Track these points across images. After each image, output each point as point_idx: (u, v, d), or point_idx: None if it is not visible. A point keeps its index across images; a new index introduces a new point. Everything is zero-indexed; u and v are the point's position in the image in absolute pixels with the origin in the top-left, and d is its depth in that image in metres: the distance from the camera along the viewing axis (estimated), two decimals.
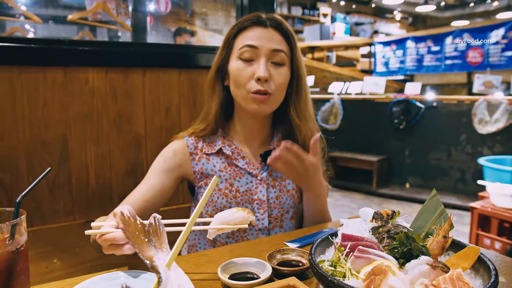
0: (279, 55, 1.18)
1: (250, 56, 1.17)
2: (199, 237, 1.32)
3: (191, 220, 0.55)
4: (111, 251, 0.85)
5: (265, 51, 1.17)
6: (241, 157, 1.28)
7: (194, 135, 1.30)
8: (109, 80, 1.52)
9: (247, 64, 1.18)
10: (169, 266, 0.51)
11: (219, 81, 1.27)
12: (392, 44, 7.77)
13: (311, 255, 0.76)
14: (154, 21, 2.89)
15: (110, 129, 1.54)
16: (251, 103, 1.18)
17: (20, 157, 1.40)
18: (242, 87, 1.18)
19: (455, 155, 5.40)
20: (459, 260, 0.76)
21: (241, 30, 1.22)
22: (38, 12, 2.44)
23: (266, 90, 1.16)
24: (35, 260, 1.44)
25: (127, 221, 0.56)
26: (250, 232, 1.25)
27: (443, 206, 0.89)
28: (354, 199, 5.77)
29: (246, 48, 1.17)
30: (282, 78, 1.19)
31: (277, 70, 1.19)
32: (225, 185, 1.25)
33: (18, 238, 0.64)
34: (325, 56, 9.53)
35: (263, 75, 1.14)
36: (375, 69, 8.15)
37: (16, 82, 1.37)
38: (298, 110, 1.25)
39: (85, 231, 0.86)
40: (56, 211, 1.48)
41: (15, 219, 0.64)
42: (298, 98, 1.26)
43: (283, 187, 1.29)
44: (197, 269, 0.94)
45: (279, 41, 1.19)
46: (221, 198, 1.24)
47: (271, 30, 1.20)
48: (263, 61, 1.16)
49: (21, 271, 0.64)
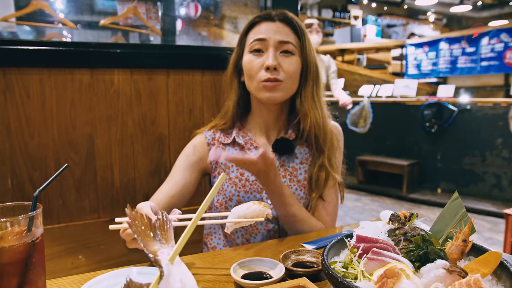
0: (287, 46, 1.23)
1: (259, 48, 1.23)
2: (214, 226, 1.35)
3: (197, 215, 0.55)
4: (134, 245, 0.89)
5: (273, 42, 1.21)
6: (254, 147, 1.30)
7: (214, 128, 1.36)
8: (133, 81, 1.56)
9: (257, 56, 1.23)
10: (172, 260, 0.51)
11: (236, 78, 1.33)
12: (424, 46, 7.58)
13: (323, 256, 0.75)
14: (186, 25, 2.95)
15: (134, 129, 1.58)
16: (262, 91, 1.22)
17: (49, 156, 1.46)
18: (254, 77, 1.23)
19: (490, 159, 5.19)
20: (479, 265, 0.73)
21: (251, 27, 1.28)
22: (74, 18, 2.54)
23: (275, 77, 1.20)
24: (61, 256, 1.49)
25: (134, 215, 0.57)
26: (259, 222, 1.25)
27: (472, 212, 0.86)
28: (384, 204, 5.65)
29: (256, 42, 1.23)
30: (292, 66, 1.23)
31: (286, 59, 1.23)
32: (235, 174, 1.28)
33: (35, 230, 0.67)
34: (355, 59, 9.40)
35: (271, 63, 1.18)
36: (406, 71, 7.97)
37: (46, 83, 1.43)
38: (303, 98, 1.28)
39: (109, 225, 0.89)
40: (82, 208, 1.53)
41: (32, 212, 0.66)
42: (305, 87, 1.28)
43: (294, 177, 1.29)
44: (212, 267, 0.94)
45: (286, 33, 1.24)
46: (230, 187, 1.27)
47: (278, 23, 1.25)
48: (271, 51, 1.21)
49: (37, 262, 0.66)
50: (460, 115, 5.41)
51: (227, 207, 1.27)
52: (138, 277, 0.80)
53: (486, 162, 5.24)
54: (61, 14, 2.36)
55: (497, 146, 5.12)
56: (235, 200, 1.26)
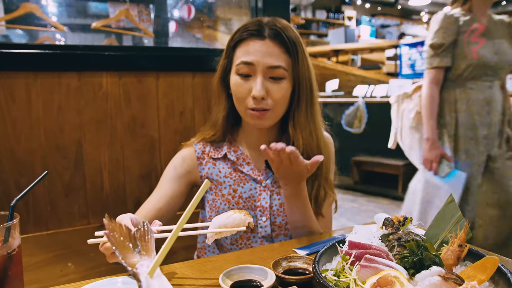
0: (277, 71, 1.13)
1: (247, 72, 1.14)
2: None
3: (178, 226, 0.52)
4: (115, 259, 0.85)
5: (262, 68, 1.12)
6: (246, 163, 1.26)
7: (203, 141, 1.30)
8: (122, 84, 1.53)
9: (244, 80, 1.15)
10: (151, 273, 0.48)
11: (224, 91, 1.25)
12: (418, 46, 7.58)
13: (315, 264, 0.72)
14: (180, 28, 2.92)
15: (124, 133, 1.55)
16: (249, 118, 1.17)
17: (36, 161, 1.42)
18: (241, 103, 1.17)
19: None
20: (475, 271, 0.70)
21: (239, 42, 1.18)
22: (66, 21, 2.51)
23: (262, 107, 1.13)
24: (50, 263, 1.45)
25: (113, 226, 0.54)
26: (254, 239, 1.23)
27: (461, 212, 0.83)
28: (380, 204, 5.64)
29: (243, 65, 1.14)
30: (281, 93, 1.15)
31: (275, 85, 1.14)
32: (228, 190, 1.24)
33: (11, 242, 0.63)
34: (350, 59, 9.39)
35: (258, 94, 1.11)
36: (400, 71, 7.97)
37: (32, 87, 1.39)
38: (296, 122, 1.20)
39: (88, 240, 0.85)
40: (71, 214, 1.49)
41: (8, 223, 0.63)
42: (298, 111, 1.20)
43: None
44: (201, 276, 0.91)
45: (277, 54, 1.14)
46: (223, 204, 1.23)
47: (268, 42, 1.13)
48: (259, 79, 1.12)
49: (14, 275, 0.63)
50: None
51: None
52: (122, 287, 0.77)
53: None
54: (53, 17, 2.33)
55: None
56: None
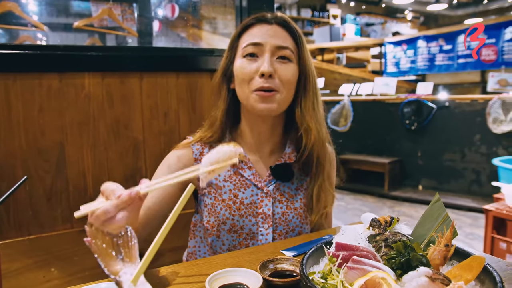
0: (285, 51, 1.12)
1: (254, 52, 1.11)
2: (199, 245, 1.27)
3: (161, 233, 0.51)
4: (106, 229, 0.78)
5: (270, 47, 1.10)
6: (248, 167, 1.20)
7: (201, 142, 1.23)
8: (105, 85, 1.50)
9: (251, 61, 1.11)
10: (135, 281, 0.47)
11: (225, 84, 1.20)
12: (402, 44, 7.66)
13: (302, 266, 0.71)
14: (163, 27, 2.89)
15: (107, 135, 1.52)
16: (256, 102, 1.10)
17: (17, 164, 1.39)
18: (246, 84, 1.11)
19: (469, 156, 5.27)
20: (462, 271, 0.70)
21: (245, 29, 1.16)
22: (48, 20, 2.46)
23: (270, 86, 1.08)
24: (32, 269, 1.42)
25: (94, 233, 0.52)
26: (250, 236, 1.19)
27: (452, 208, 0.84)
28: (366, 202, 5.68)
29: (250, 46, 1.11)
30: (289, 74, 1.12)
31: (283, 65, 1.11)
32: (229, 195, 1.18)
33: None
34: (335, 58, 9.44)
35: (267, 70, 1.07)
36: (385, 69, 8.04)
37: (11, 89, 1.36)
38: (303, 109, 1.16)
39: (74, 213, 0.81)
40: (54, 219, 1.46)
41: None
42: (305, 98, 1.16)
43: (290, 204, 1.21)
44: (187, 280, 0.89)
45: (284, 37, 1.13)
46: (224, 210, 1.17)
47: (276, 26, 1.13)
48: (267, 56, 1.09)
49: None
50: (439, 112, 5.48)
51: (219, 230, 1.17)
52: None
53: (465, 158, 5.31)
54: (33, 16, 2.28)
55: (475, 142, 5.20)
56: (229, 224, 1.16)
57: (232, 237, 1.17)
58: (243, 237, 1.18)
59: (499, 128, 4.88)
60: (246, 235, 1.18)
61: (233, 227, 1.16)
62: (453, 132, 5.39)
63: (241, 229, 1.17)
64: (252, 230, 1.18)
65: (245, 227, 1.17)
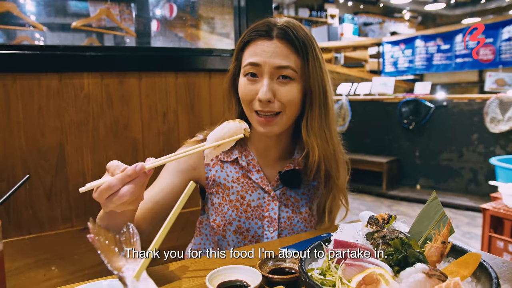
0: (285, 71, 1.07)
1: (254, 73, 1.09)
2: (204, 242, 1.29)
3: (162, 231, 0.52)
4: (111, 205, 0.80)
5: (268, 69, 1.06)
6: (256, 170, 1.21)
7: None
8: (104, 85, 1.50)
9: (251, 81, 1.09)
10: (138, 277, 0.48)
11: (235, 94, 1.20)
12: (400, 44, 7.67)
13: (301, 263, 0.72)
14: (162, 27, 2.89)
15: (107, 135, 1.53)
16: (256, 124, 1.11)
17: (17, 164, 1.39)
18: (247, 105, 1.11)
19: (466, 155, 5.29)
20: (458, 267, 0.72)
21: (247, 43, 1.13)
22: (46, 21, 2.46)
23: (269, 110, 1.07)
24: (33, 268, 1.42)
25: (97, 230, 0.53)
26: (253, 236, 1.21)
27: (450, 207, 0.85)
28: (364, 201, 5.69)
29: (250, 66, 1.09)
30: (290, 95, 1.08)
31: (283, 87, 1.08)
32: (236, 197, 1.19)
33: None
34: (333, 57, 9.47)
35: (263, 96, 1.05)
36: (383, 69, 8.06)
37: (10, 89, 1.36)
38: (309, 128, 1.13)
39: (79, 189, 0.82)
40: (54, 218, 1.47)
41: None
42: (311, 115, 1.13)
43: (296, 208, 1.22)
44: (188, 277, 0.90)
45: (285, 54, 1.07)
46: (231, 210, 1.18)
47: (276, 42, 1.07)
48: (266, 81, 1.06)
49: None
50: (437, 112, 5.50)
51: (225, 230, 1.18)
52: None
53: (463, 158, 5.33)
54: (32, 16, 2.28)
55: (473, 141, 5.22)
56: (235, 225, 1.18)
57: (238, 239, 1.19)
58: (248, 239, 1.19)
59: (497, 128, 4.90)
60: (251, 237, 1.19)
61: (239, 229, 1.18)
62: (451, 132, 5.41)
63: (247, 231, 1.19)
64: (258, 233, 1.19)
65: (251, 229, 1.19)
